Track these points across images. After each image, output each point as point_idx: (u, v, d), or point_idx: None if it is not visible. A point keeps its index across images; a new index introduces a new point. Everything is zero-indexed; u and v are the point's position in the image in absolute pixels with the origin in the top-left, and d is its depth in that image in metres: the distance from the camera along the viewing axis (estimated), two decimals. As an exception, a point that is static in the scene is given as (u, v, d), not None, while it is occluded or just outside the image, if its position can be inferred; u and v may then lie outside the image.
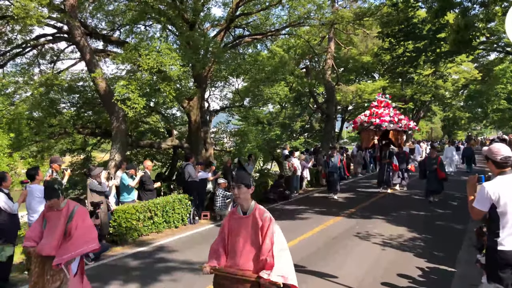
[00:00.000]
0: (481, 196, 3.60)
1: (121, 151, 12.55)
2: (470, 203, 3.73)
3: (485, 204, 3.59)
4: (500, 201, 3.50)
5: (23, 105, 13.71)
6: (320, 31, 22.12)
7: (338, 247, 8.04)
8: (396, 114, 14.61)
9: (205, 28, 17.15)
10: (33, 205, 6.69)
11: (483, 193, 3.57)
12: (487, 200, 3.56)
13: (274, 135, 19.31)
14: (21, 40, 15.64)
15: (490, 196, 3.53)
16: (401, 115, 14.91)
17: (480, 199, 3.61)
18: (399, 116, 14.58)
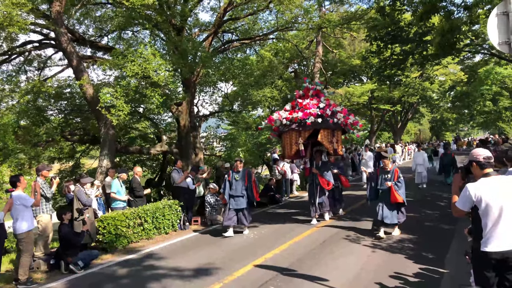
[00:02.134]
0: (463, 195, 3.67)
1: (110, 157, 12.47)
2: (453, 201, 3.82)
3: (465, 204, 3.67)
4: (481, 203, 3.56)
5: (9, 114, 13.57)
6: (308, 35, 22.30)
7: (328, 250, 8.06)
8: (330, 106, 10.02)
9: (194, 33, 17.16)
10: (13, 212, 6.60)
11: (465, 193, 3.64)
12: (469, 200, 3.62)
13: (264, 138, 19.32)
14: (6, 47, 15.49)
15: (472, 197, 3.59)
16: (337, 106, 10.33)
17: (461, 199, 3.70)
18: (333, 108, 9.99)
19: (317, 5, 20.37)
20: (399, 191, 8.61)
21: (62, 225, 7.62)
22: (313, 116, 9.57)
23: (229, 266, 7.22)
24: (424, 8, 12.99)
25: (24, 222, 6.65)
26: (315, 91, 10.46)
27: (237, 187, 9.74)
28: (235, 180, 9.81)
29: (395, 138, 42.03)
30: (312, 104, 9.85)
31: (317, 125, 9.62)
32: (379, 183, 8.91)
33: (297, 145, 9.77)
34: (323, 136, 9.73)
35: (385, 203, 8.75)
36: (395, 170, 8.82)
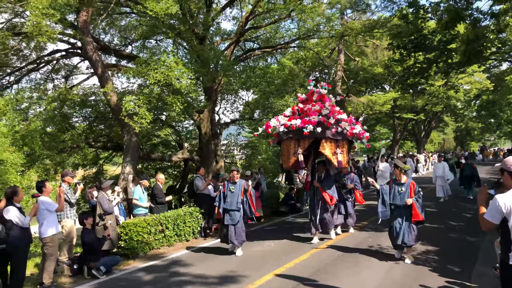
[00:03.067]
0: (492, 207, 3.54)
1: (133, 164, 12.64)
2: (481, 214, 3.67)
3: (495, 216, 3.53)
4: (511, 215, 3.43)
5: (36, 121, 13.92)
6: (330, 43, 22.23)
7: (350, 260, 7.93)
8: (335, 112, 9.03)
9: (215, 42, 17.33)
10: (39, 217, 6.74)
11: (495, 205, 3.51)
12: (498, 212, 3.50)
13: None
14: (35, 56, 15.97)
15: (501, 209, 3.47)
16: (343, 113, 9.27)
17: (490, 211, 3.55)
18: (338, 115, 9.01)
19: (339, 13, 20.36)
20: (419, 207, 7.48)
21: (85, 230, 7.75)
22: (312, 124, 8.50)
23: (249, 275, 7.18)
24: (449, 16, 12.78)
25: (49, 227, 6.78)
26: (319, 96, 9.28)
27: (232, 200, 8.68)
28: (230, 192, 8.74)
29: (418, 147, 41.31)
30: (314, 110, 8.81)
31: (317, 135, 8.60)
32: (391, 197, 7.72)
33: (296, 155, 8.65)
34: (325, 147, 8.65)
35: (400, 221, 7.58)
36: (411, 183, 7.61)
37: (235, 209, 8.67)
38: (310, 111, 8.82)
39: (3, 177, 9.32)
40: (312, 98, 9.32)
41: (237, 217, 8.66)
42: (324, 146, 8.65)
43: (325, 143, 8.65)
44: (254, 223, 12.32)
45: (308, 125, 8.48)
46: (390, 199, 7.72)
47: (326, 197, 9.31)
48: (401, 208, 7.56)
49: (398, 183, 7.73)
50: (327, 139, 8.66)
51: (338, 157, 8.69)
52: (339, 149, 8.77)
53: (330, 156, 8.68)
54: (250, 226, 11.82)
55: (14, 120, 12.62)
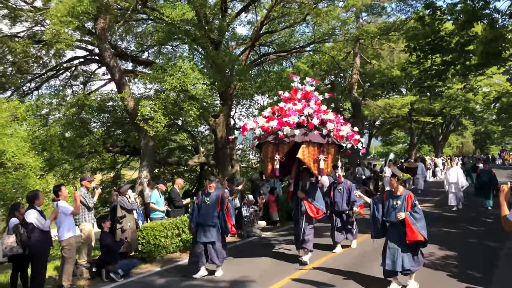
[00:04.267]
0: None
1: (150, 168, 12.78)
2: (504, 215, 3.57)
3: None
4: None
5: (55, 126, 14.22)
6: (345, 47, 22.15)
7: (367, 264, 7.85)
8: (320, 112, 7.76)
9: (231, 46, 17.45)
10: (57, 220, 6.86)
11: None
12: None
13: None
14: (55, 63, 16.33)
15: None
16: (329, 112, 7.83)
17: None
18: (324, 115, 7.70)
19: (355, 17, 20.29)
20: (416, 224, 6.05)
21: (103, 233, 7.86)
22: (290, 126, 7.35)
23: (265, 279, 7.16)
24: (466, 17, 12.62)
25: (65, 230, 6.91)
26: (304, 94, 8.02)
27: (206, 214, 7.47)
28: (205, 204, 7.56)
29: (436, 151, 40.72)
30: (295, 110, 7.58)
31: (295, 139, 7.41)
32: (385, 211, 6.48)
33: (273, 161, 7.48)
34: (305, 152, 7.37)
35: (397, 241, 6.22)
36: (408, 195, 6.32)
37: (210, 224, 7.40)
38: (289, 111, 7.58)
39: (23, 181, 9.53)
40: (295, 96, 8.04)
41: (213, 233, 7.42)
42: (303, 151, 7.36)
43: (306, 148, 7.37)
44: (270, 227, 12.30)
45: (284, 127, 7.33)
46: (385, 215, 6.47)
47: (312, 210, 8.02)
48: (397, 226, 6.24)
49: (393, 195, 6.47)
50: (308, 144, 7.40)
51: (320, 165, 7.38)
52: (323, 155, 7.44)
53: (310, 163, 7.44)
54: (265, 230, 11.81)
55: (34, 126, 12.94)
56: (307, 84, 8.20)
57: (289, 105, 7.77)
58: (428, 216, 13.25)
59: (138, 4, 12.88)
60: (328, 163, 7.54)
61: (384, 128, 37.93)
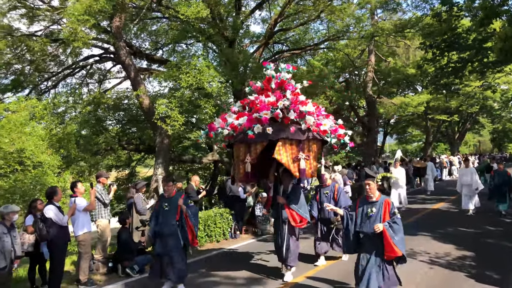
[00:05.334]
0: None
1: (164, 166, 12.87)
2: None
3: None
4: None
5: (72, 124, 14.42)
6: (360, 44, 21.96)
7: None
8: (297, 104, 6.44)
9: (244, 44, 17.45)
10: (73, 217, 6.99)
11: None
12: None
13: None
14: (71, 61, 16.55)
15: None
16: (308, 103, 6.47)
17: None
18: (302, 106, 6.35)
19: (369, 14, 20.10)
20: (395, 237, 5.18)
21: (123, 229, 7.96)
22: (263, 122, 6.17)
23: (280, 277, 7.16)
24: (484, 13, 12.38)
25: (81, 226, 7.04)
26: (278, 82, 6.70)
27: (165, 221, 6.51)
28: (164, 209, 6.58)
29: (452, 149, 40.17)
30: (267, 103, 6.32)
31: (269, 137, 6.21)
32: (359, 222, 5.54)
33: (244, 164, 6.33)
34: (281, 151, 6.20)
35: (371, 257, 5.36)
36: (385, 202, 5.42)
37: (169, 233, 6.50)
38: (261, 104, 6.34)
39: (42, 179, 9.69)
40: (269, 87, 6.74)
41: (171, 244, 6.46)
42: (279, 151, 6.20)
43: (282, 146, 6.23)
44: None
45: (255, 125, 6.16)
46: (358, 225, 5.55)
47: (293, 217, 6.94)
48: (371, 238, 5.37)
49: (368, 202, 5.54)
50: (285, 141, 6.26)
51: (301, 164, 6.22)
52: (303, 153, 6.28)
53: (288, 163, 6.27)
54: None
55: (51, 124, 13.14)
56: (282, 71, 6.80)
57: (261, 97, 6.49)
58: (445, 215, 13.18)
59: (153, 2, 12.96)
60: (311, 162, 6.39)
61: (399, 126, 37.56)
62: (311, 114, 6.33)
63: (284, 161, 6.26)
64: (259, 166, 6.81)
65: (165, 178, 7.06)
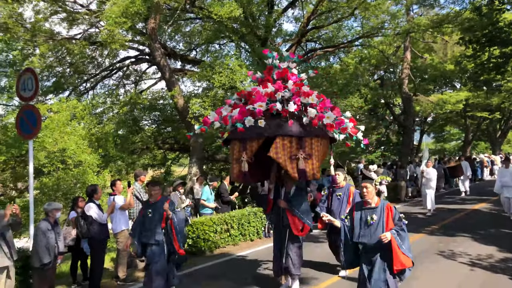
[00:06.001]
0: None
1: (199, 165, 13.04)
2: None
3: None
4: None
5: (110, 124, 14.85)
6: (395, 41, 21.48)
7: (419, 266, 7.58)
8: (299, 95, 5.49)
9: (277, 43, 17.43)
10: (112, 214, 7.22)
11: None
12: None
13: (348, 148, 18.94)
14: (108, 63, 17.05)
15: None
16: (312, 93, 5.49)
17: None
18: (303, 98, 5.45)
19: (405, 10, 19.64)
20: (403, 246, 4.57)
21: (162, 227, 8.13)
22: (256, 115, 5.32)
23: (314, 277, 7.11)
24: (529, 5, 11.85)
25: (118, 223, 7.27)
26: (280, 72, 5.84)
27: (149, 229, 6.04)
28: (148, 216, 6.10)
29: (493, 148, 38.59)
30: (264, 94, 5.51)
31: (264, 132, 5.34)
32: (358, 232, 4.87)
33: (240, 162, 5.44)
34: (278, 149, 5.30)
35: (376, 271, 4.70)
36: (387, 207, 4.80)
37: (153, 242, 6.01)
38: (257, 95, 5.52)
39: (82, 177, 10.04)
40: (269, 77, 5.93)
41: (156, 252, 6.01)
42: (276, 148, 5.31)
43: (280, 142, 5.34)
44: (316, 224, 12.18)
45: (246, 118, 5.36)
46: (355, 236, 4.88)
47: (295, 224, 6.12)
48: (373, 249, 4.74)
49: (366, 208, 4.89)
50: (283, 138, 5.35)
51: (299, 164, 5.25)
52: (304, 151, 5.31)
53: (286, 162, 5.33)
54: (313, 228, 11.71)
55: (90, 124, 13.58)
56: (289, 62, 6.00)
57: (258, 88, 5.73)
58: (485, 216, 12.72)
59: (186, 3, 13.14)
60: (313, 162, 5.34)
61: (436, 124, 36.46)
62: (313, 106, 5.42)
63: (281, 160, 5.34)
64: (258, 164, 5.87)
65: (151, 182, 6.39)
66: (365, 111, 24.48)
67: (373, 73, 24.22)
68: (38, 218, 9.03)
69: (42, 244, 5.75)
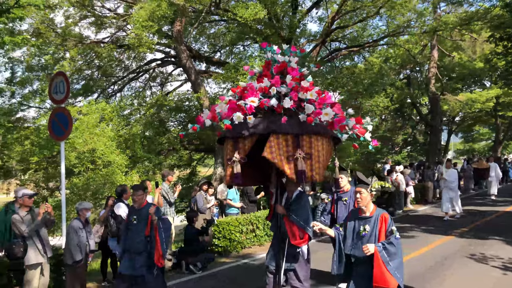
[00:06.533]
0: None
1: (223, 165, 13.14)
2: None
3: None
4: None
5: (137, 125, 15.15)
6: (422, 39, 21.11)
7: (449, 269, 7.44)
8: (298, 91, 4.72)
9: (301, 43, 17.38)
10: None
11: None
12: None
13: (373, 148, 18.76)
14: (135, 66, 17.40)
15: None
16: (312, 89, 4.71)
17: None
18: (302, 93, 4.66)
19: (432, 7, 19.25)
20: (390, 263, 4.10)
21: (189, 226, 8.26)
22: (246, 111, 4.65)
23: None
24: None
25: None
26: (279, 66, 5.15)
27: (133, 237, 5.70)
28: (133, 222, 5.76)
29: None
30: (258, 89, 4.90)
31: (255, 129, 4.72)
32: (350, 243, 4.47)
33: (232, 163, 4.74)
34: (274, 149, 4.61)
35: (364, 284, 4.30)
36: (382, 217, 4.34)
37: (137, 250, 5.64)
38: (249, 90, 4.97)
39: (111, 177, 10.28)
40: (268, 72, 5.25)
41: (142, 262, 5.60)
42: (271, 148, 4.62)
43: (273, 141, 4.64)
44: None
45: (235, 114, 4.72)
46: (347, 247, 4.47)
47: (294, 232, 5.37)
48: (364, 263, 4.29)
49: (360, 217, 4.48)
50: (278, 136, 4.66)
51: (298, 165, 4.54)
52: (302, 150, 4.61)
53: (282, 163, 4.63)
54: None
55: (118, 125, 13.88)
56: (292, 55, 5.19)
57: (253, 82, 5.15)
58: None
59: (211, 6, 13.27)
60: (312, 163, 4.63)
61: (464, 124, 35.56)
62: (312, 102, 4.79)
63: (277, 161, 4.63)
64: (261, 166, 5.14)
65: (133, 186, 6.01)
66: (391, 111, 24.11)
67: (399, 72, 23.84)
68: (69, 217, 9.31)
69: (74, 242, 5.93)
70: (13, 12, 8.16)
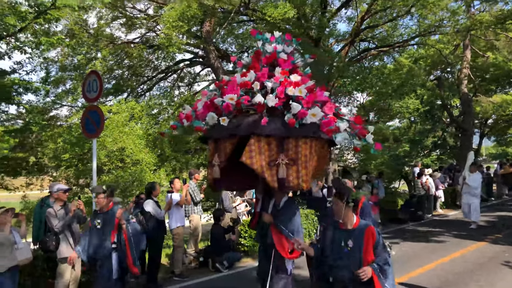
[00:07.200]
0: None
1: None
2: None
3: None
4: None
5: (165, 125, 15.34)
6: (454, 39, 20.55)
7: (482, 275, 7.20)
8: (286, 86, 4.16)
9: (330, 43, 17.22)
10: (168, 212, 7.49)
11: None
12: None
13: (402, 151, 18.30)
14: (164, 66, 17.64)
15: None
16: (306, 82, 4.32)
17: None
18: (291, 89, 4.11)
19: (465, 6, 18.71)
20: (386, 285, 3.63)
21: (216, 225, 8.31)
22: (223, 111, 4.19)
23: None
24: None
25: (175, 219, 7.56)
26: (268, 57, 4.65)
27: (97, 243, 5.41)
28: (96, 228, 5.47)
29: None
30: (240, 84, 4.31)
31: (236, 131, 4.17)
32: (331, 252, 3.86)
33: (212, 167, 4.32)
34: (254, 153, 4.07)
35: None
36: (368, 231, 3.70)
37: (101, 258, 5.38)
38: (230, 86, 4.36)
39: (140, 175, 10.44)
40: (257, 64, 4.61)
41: (103, 272, 5.35)
42: (251, 152, 4.07)
43: (253, 144, 4.09)
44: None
45: (209, 113, 4.32)
46: (330, 260, 3.83)
47: (283, 244, 4.74)
48: (345, 284, 3.71)
49: (340, 230, 3.86)
50: (258, 138, 4.09)
51: (280, 172, 4.02)
52: (286, 155, 4.07)
53: (263, 169, 4.08)
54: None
55: (147, 124, 14.09)
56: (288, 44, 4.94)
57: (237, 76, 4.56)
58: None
59: (240, 6, 13.30)
60: (298, 170, 4.08)
61: (498, 127, 34.42)
62: (300, 100, 4.17)
63: (257, 167, 4.09)
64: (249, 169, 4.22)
65: (95, 188, 5.66)
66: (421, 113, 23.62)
67: (429, 73, 23.28)
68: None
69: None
70: (49, 13, 8.40)
